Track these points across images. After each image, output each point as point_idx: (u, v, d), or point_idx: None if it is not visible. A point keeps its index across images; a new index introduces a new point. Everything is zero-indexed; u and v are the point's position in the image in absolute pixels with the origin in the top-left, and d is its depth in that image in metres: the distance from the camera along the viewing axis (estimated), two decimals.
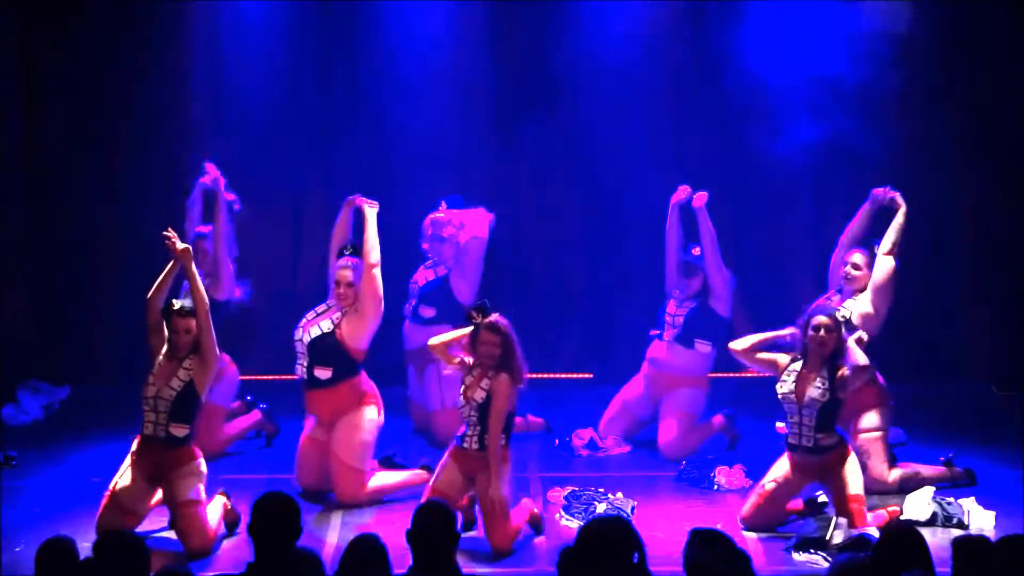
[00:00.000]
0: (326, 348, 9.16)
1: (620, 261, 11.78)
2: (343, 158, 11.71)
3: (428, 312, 10.42)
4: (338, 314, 9.21)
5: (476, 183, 11.60)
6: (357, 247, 9.25)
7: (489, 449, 8.31)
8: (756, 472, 9.06)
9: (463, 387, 8.46)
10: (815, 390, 8.45)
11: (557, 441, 10.40)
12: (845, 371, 8.47)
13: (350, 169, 11.57)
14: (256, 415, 10.36)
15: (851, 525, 8.26)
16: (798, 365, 8.58)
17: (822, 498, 8.73)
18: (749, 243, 11.65)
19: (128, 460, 8.33)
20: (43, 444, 10.30)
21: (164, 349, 8.39)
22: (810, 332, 8.49)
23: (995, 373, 11.71)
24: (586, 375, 11.95)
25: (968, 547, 5.87)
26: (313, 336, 9.17)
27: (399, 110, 11.66)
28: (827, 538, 8.21)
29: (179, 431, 8.31)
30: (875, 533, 8.00)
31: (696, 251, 10.07)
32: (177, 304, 8.39)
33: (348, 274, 9.22)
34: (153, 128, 11.63)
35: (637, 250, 11.66)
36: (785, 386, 8.53)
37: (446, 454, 8.55)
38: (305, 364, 9.19)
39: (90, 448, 10.07)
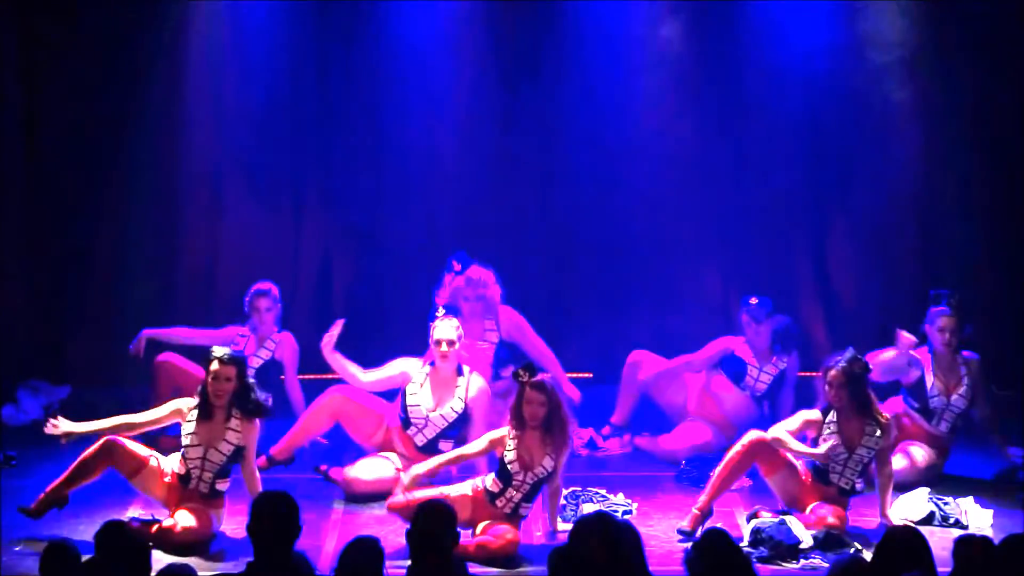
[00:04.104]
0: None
1: (621, 259, 11.76)
2: (343, 155, 11.74)
3: None
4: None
5: (476, 183, 11.62)
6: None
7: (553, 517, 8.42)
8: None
9: (511, 452, 8.26)
10: (868, 438, 8.39)
11: None
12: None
13: (350, 166, 11.62)
14: None
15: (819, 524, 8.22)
16: (832, 416, 8.47)
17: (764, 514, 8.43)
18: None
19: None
20: (43, 444, 10.27)
21: (191, 403, 8.43)
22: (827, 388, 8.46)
23: (995, 373, 11.69)
24: (586, 375, 11.93)
25: (970, 547, 5.87)
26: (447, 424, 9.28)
27: (399, 104, 11.68)
28: (799, 545, 8.08)
29: (223, 485, 8.43)
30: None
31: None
32: (219, 352, 8.39)
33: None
34: (154, 129, 11.61)
35: (638, 248, 11.66)
36: (831, 440, 8.39)
37: (467, 487, 8.36)
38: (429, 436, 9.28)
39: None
